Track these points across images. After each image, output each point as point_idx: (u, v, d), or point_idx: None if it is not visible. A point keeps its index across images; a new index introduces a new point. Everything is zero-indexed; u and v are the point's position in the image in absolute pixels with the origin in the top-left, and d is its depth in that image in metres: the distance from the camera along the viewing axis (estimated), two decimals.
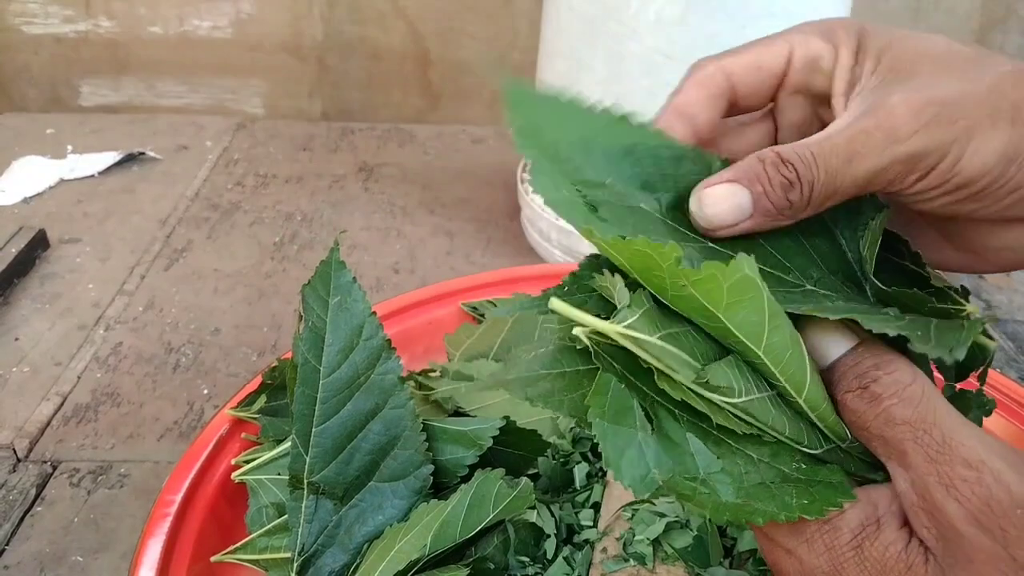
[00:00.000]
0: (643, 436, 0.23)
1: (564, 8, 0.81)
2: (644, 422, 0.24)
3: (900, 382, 0.24)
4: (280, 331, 0.81)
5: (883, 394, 0.23)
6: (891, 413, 0.23)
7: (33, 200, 1.04)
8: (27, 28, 1.32)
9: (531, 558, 0.44)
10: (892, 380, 0.24)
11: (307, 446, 0.45)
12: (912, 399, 0.23)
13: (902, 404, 0.23)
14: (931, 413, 0.23)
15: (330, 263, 0.47)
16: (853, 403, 0.24)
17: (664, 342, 0.23)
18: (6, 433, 0.67)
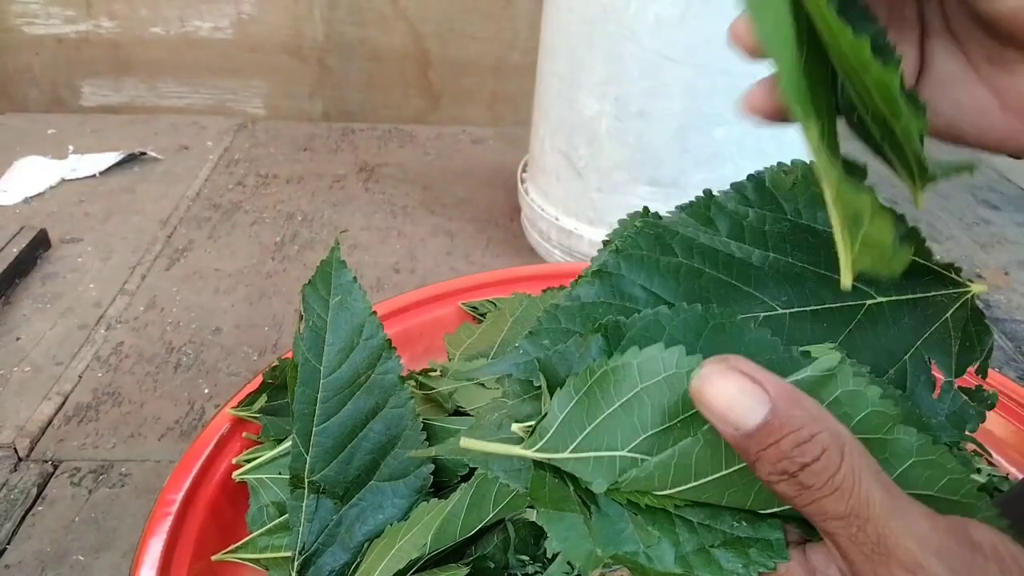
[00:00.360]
0: (584, 519, 0.24)
1: (564, 9, 0.81)
2: (583, 507, 0.24)
3: (828, 468, 0.21)
4: (281, 331, 0.81)
5: (813, 485, 0.21)
6: (823, 506, 0.21)
7: (34, 200, 1.05)
8: (28, 29, 1.33)
9: (531, 557, 0.44)
10: (820, 468, 0.21)
11: (308, 445, 0.45)
12: (844, 490, 0.21)
13: (834, 496, 0.21)
14: (864, 505, 0.21)
15: (331, 263, 0.48)
16: (780, 488, 0.22)
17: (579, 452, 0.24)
18: (7, 432, 0.67)
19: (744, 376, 0.22)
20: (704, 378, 0.22)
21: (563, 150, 0.87)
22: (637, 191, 0.83)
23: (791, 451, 0.21)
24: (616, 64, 0.78)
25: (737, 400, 0.21)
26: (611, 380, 0.24)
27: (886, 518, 0.21)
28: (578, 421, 0.24)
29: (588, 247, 0.88)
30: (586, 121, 0.83)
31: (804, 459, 0.21)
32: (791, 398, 0.22)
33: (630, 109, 0.79)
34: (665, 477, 0.23)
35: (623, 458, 0.24)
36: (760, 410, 0.21)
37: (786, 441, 0.21)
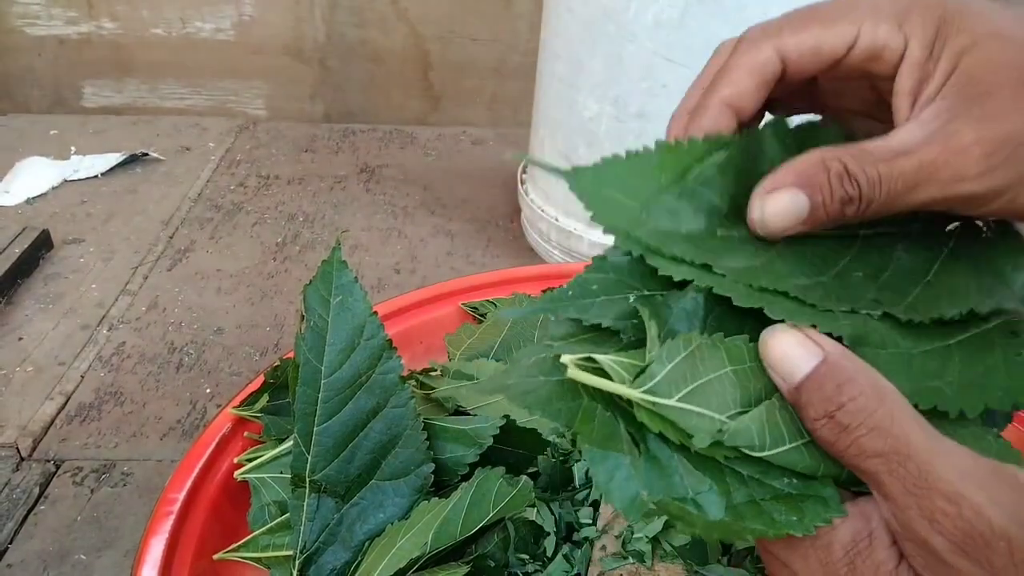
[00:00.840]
0: (632, 460, 0.24)
1: (564, 11, 0.81)
2: (631, 446, 0.24)
3: (866, 409, 0.22)
4: (282, 331, 0.82)
5: (850, 424, 0.22)
6: (862, 445, 0.22)
7: (37, 201, 1.05)
8: (30, 30, 1.33)
9: (531, 556, 0.45)
10: (857, 407, 0.22)
11: (309, 445, 0.45)
12: (882, 428, 0.22)
13: (872, 435, 0.22)
14: (904, 443, 0.22)
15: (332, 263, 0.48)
16: (822, 433, 0.23)
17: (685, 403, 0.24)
18: (10, 432, 0.68)
19: (805, 336, 0.24)
20: (767, 334, 0.24)
21: (563, 151, 0.87)
22: None
23: (831, 392, 0.23)
24: (616, 65, 0.78)
25: (793, 350, 0.24)
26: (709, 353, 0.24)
27: (927, 454, 0.22)
28: (682, 376, 0.24)
29: (588, 247, 0.89)
30: (585, 122, 0.83)
31: (843, 398, 0.22)
32: (843, 354, 0.24)
33: (629, 110, 0.79)
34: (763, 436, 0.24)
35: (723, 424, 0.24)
36: (811, 361, 0.23)
37: (829, 384, 0.23)
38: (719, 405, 0.24)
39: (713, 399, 0.24)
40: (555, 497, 0.48)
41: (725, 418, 0.24)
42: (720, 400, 0.24)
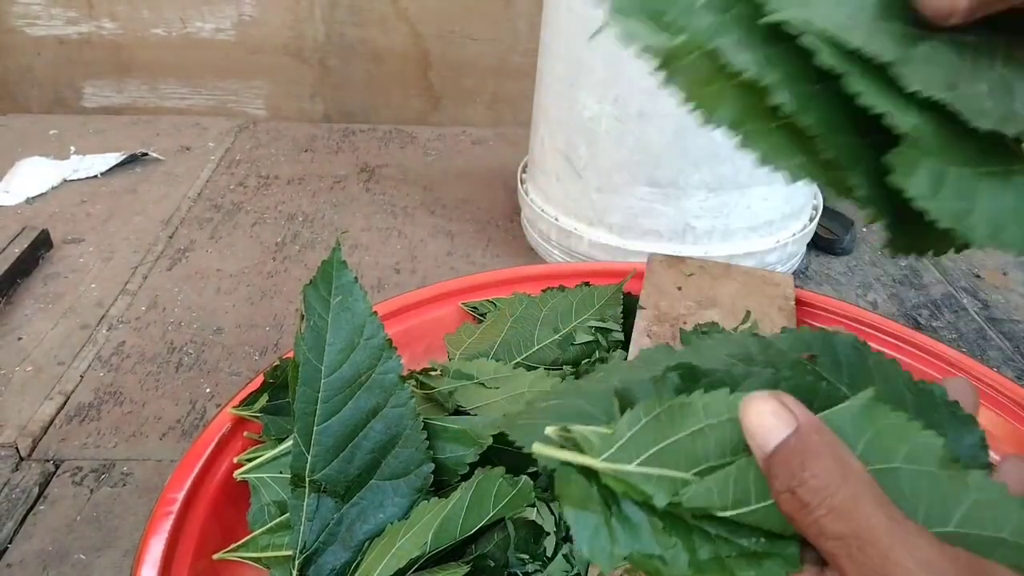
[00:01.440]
0: (604, 519, 0.26)
1: (564, 10, 0.81)
2: (604, 507, 0.26)
3: (828, 488, 0.22)
4: (282, 330, 0.82)
5: (811, 502, 0.22)
6: (821, 525, 0.22)
7: (36, 200, 1.05)
8: (30, 30, 1.33)
9: (531, 556, 0.45)
10: (819, 485, 0.22)
11: (309, 444, 0.45)
12: (843, 511, 0.22)
13: (832, 516, 0.22)
14: (864, 528, 0.22)
15: (332, 263, 0.48)
16: (784, 507, 0.23)
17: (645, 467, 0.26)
18: (9, 432, 0.68)
19: (782, 404, 0.24)
20: (747, 399, 0.25)
21: (563, 151, 0.87)
22: (636, 191, 0.83)
23: (798, 468, 0.23)
24: (616, 65, 0.78)
25: (768, 420, 0.24)
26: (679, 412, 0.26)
27: (888, 539, 0.22)
28: (644, 441, 0.26)
29: (588, 247, 0.89)
30: (586, 122, 0.83)
31: (804, 474, 0.22)
32: (815, 427, 0.24)
33: (629, 110, 0.79)
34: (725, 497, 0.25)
35: (684, 480, 0.25)
36: (784, 431, 0.23)
37: (796, 460, 0.23)
38: (688, 461, 0.25)
39: (682, 457, 0.25)
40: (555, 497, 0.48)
41: (691, 475, 0.25)
42: (690, 456, 0.25)
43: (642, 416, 0.26)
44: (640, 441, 0.26)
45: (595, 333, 0.61)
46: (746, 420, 0.24)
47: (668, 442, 0.26)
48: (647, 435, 0.26)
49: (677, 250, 0.84)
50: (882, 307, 0.91)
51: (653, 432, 0.26)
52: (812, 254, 1.00)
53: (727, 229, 0.85)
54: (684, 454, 0.25)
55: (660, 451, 0.26)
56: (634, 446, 0.26)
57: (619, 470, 0.26)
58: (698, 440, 0.25)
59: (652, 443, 0.26)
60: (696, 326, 0.60)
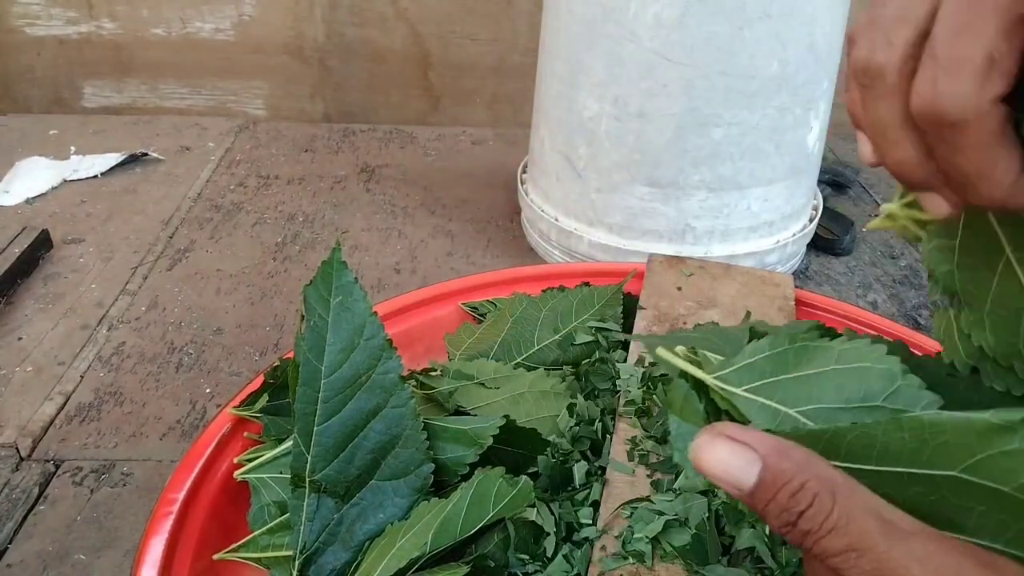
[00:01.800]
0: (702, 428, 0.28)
1: (564, 10, 0.81)
2: (705, 421, 0.28)
3: (823, 511, 0.23)
4: (282, 331, 0.82)
5: (811, 529, 0.23)
6: (823, 546, 0.23)
7: (36, 201, 1.05)
8: (30, 30, 1.33)
9: (531, 556, 0.45)
10: (814, 512, 0.23)
11: (309, 445, 0.45)
12: (839, 528, 0.23)
13: (831, 536, 0.23)
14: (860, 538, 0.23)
15: (332, 263, 0.48)
16: (790, 538, 0.24)
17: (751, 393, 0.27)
18: (9, 432, 0.68)
19: (730, 440, 0.24)
20: (698, 450, 0.25)
21: (563, 151, 0.87)
22: (636, 191, 0.83)
23: (787, 502, 0.23)
24: (615, 65, 0.78)
25: (730, 463, 0.24)
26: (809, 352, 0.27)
27: (885, 546, 0.22)
28: (760, 370, 0.27)
29: (588, 247, 0.89)
30: (585, 122, 0.83)
31: (800, 507, 0.23)
32: (779, 451, 0.24)
33: (629, 110, 0.79)
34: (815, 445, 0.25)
35: (787, 415, 0.26)
36: (752, 469, 0.24)
37: (782, 494, 0.23)
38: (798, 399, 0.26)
39: (792, 393, 0.27)
40: (555, 497, 0.48)
41: (795, 412, 0.26)
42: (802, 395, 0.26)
43: (767, 349, 0.27)
44: (756, 370, 0.27)
45: (595, 333, 0.61)
46: (706, 469, 0.24)
47: (784, 377, 0.27)
48: (765, 366, 0.27)
49: (677, 250, 0.84)
50: (882, 307, 0.91)
51: (772, 365, 0.27)
52: (812, 254, 1.00)
53: (727, 229, 0.85)
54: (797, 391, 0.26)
55: (773, 383, 0.27)
56: (749, 373, 0.27)
57: (727, 390, 0.27)
58: (817, 381, 0.26)
59: (768, 374, 0.27)
60: (696, 326, 0.60)
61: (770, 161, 0.81)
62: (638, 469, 0.48)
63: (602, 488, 0.47)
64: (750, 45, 0.74)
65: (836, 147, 1.30)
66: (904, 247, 1.03)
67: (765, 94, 0.77)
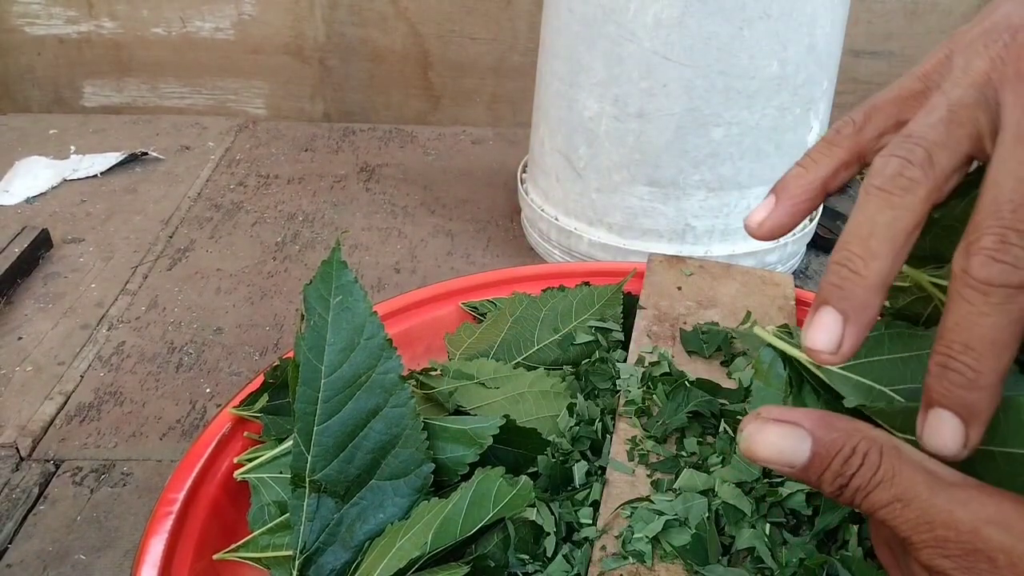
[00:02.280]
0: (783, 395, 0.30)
1: (564, 10, 0.81)
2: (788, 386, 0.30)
3: (871, 468, 0.24)
4: (282, 330, 0.82)
5: (860, 486, 0.24)
6: (872, 501, 0.24)
7: (36, 200, 1.05)
8: (30, 29, 1.33)
9: (531, 556, 0.45)
10: (865, 470, 0.24)
11: (309, 444, 0.45)
12: (886, 481, 0.24)
13: (879, 489, 0.24)
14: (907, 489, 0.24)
15: (332, 263, 0.48)
16: (843, 501, 0.25)
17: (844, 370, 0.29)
18: (9, 432, 0.68)
19: (778, 423, 0.25)
20: (749, 439, 0.26)
21: (563, 150, 0.87)
22: (636, 191, 0.83)
23: (841, 467, 0.24)
24: (615, 65, 0.78)
25: (781, 446, 0.25)
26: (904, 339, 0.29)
27: (929, 495, 0.24)
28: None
29: (588, 247, 0.89)
30: (585, 121, 0.83)
31: (851, 470, 0.24)
32: (826, 423, 0.25)
33: (629, 110, 0.79)
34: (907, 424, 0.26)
35: (881, 392, 0.28)
36: (804, 446, 0.25)
37: (835, 461, 0.24)
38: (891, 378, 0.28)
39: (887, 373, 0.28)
40: (555, 497, 0.48)
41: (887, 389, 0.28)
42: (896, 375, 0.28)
43: None
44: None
45: (595, 333, 0.61)
46: (760, 455, 0.25)
47: (879, 358, 0.28)
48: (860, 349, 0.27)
49: (677, 250, 0.84)
50: None
51: (867, 348, 0.28)
52: (812, 254, 1.00)
53: (727, 229, 0.85)
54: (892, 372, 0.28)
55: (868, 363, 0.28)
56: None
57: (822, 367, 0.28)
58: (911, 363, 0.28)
59: (862, 356, 0.28)
60: (696, 326, 0.60)
61: (770, 161, 0.81)
62: (638, 469, 0.48)
63: (602, 488, 0.47)
64: (750, 45, 0.74)
65: None
66: None
67: (765, 94, 0.77)
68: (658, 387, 0.52)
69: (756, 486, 0.45)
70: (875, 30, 1.35)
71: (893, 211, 0.24)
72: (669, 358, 0.56)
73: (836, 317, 0.24)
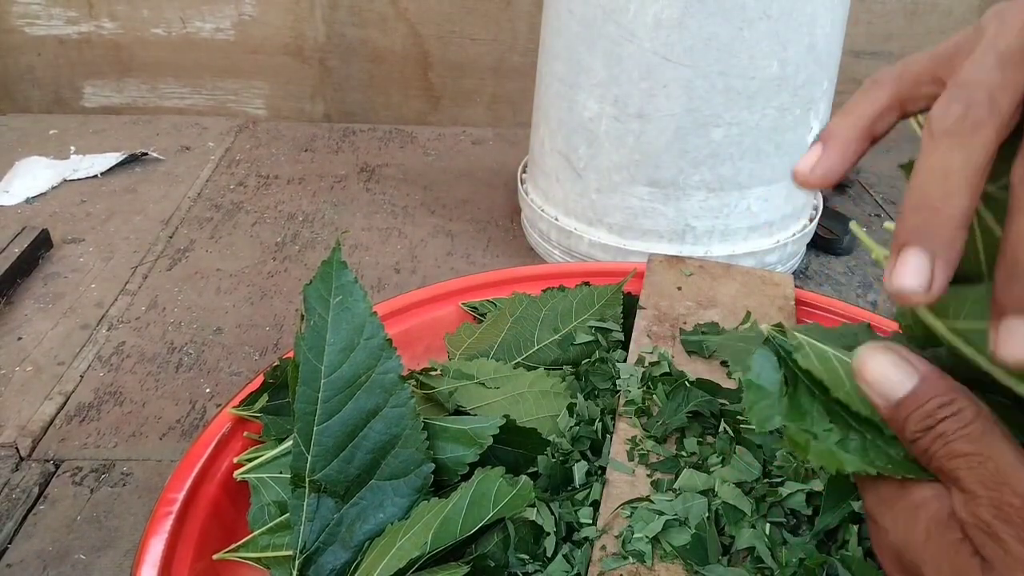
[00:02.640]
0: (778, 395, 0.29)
1: (563, 11, 0.81)
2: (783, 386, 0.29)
3: (962, 420, 0.25)
4: (282, 330, 0.82)
5: (947, 432, 0.25)
6: (952, 448, 0.25)
7: (36, 200, 1.05)
8: (30, 29, 1.33)
9: (531, 556, 0.45)
10: (955, 420, 0.25)
11: (309, 444, 0.45)
12: (972, 435, 0.25)
13: (963, 440, 0.25)
14: (987, 447, 0.24)
15: (332, 263, 0.48)
16: (920, 443, 0.25)
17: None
18: (9, 432, 0.68)
19: (898, 355, 0.26)
20: (863, 354, 0.26)
21: (563, 151, 0.87)
22: (636, 192, 0.83)
23: (935, 410, 0.25)
24: (615, 65, 0.78)
25: (891, 372, 0.26)
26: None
27: (1007, 459, 0.24)
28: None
29: (588, 247, 0.89)
30: (585, 122, 0.83)
31: (944, 414, 0.25)
32: (938, 373, 0.26)
33: (629, 110, 0.79)
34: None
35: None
36: (909, 382, 0.25)
37: (931, 403, 0.25)
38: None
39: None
40: (555, 497, 0.48)
41: None
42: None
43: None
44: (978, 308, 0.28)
45: (595, 333, 0.61)
46: (866, 372, 0.26)
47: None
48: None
49: (677, 250, 0.84)
50: (882, 307, 0.91)
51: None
52: (812, 254, 1.00)
53: (727, 229, 0.85)
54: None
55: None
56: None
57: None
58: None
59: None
60: (696, 326, 0.60)
61: (770, 161, 0.81)
62: (638, 469, 0.48)
63: (602, 488, 0.47)
64: (750, 45, 0.74)
65: None
66: None
67: (765, 94, 0.77)
68: (658, 387, 0.52)
69: (756, 486, 0.45)
70: (875, 30, 1.35)
71: (964, 151, 0.24)
72: (669, 358, 0.56)
73: (924, 256, 0.24)
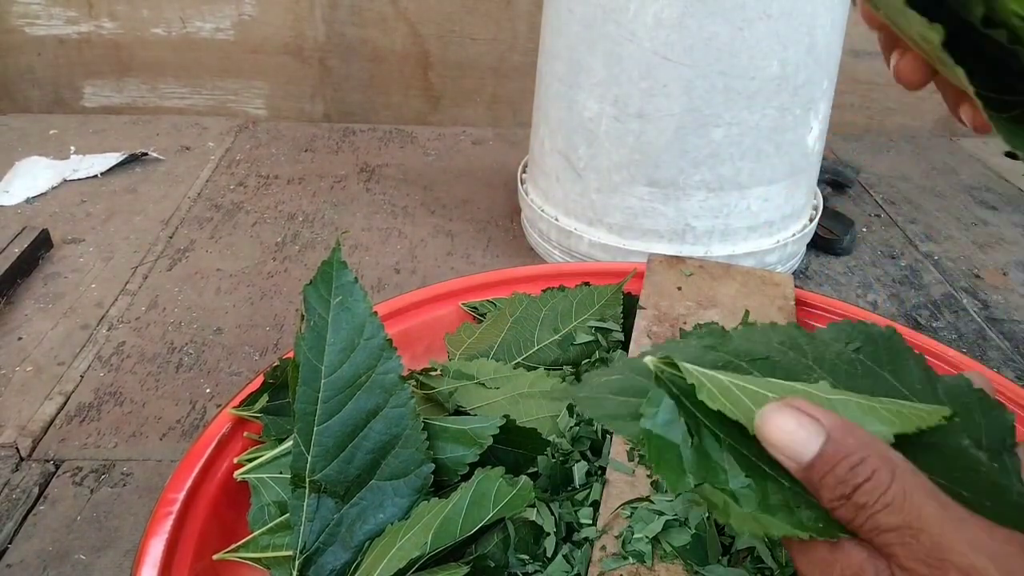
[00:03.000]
0: (683, 446, 0.26)
1: (564, 10, 0.81)
2: (687, 435, 0.26)
3: (880, 486, 0.23)
4: (282, 330, 0.82)
5: (866, 503, 0.23)
6: (877, 521, 0.23)
7: (36, 200, 1.05)
8: (30, 29, 1.33)
9: (531, 556, 0.45)
10: (872, 487, 0.23)
11: (309, 445, 0.45)
12: (896, 505, 0.23)
13: (887, 512, 0.23)
14: (917, 517, 0.23)
15: (332, 263, 0.48)
16: (842, 514, 0.24)
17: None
18: (9, 432, 0.68)
19: (799, 411, 0.24)
20: (765, 416, 0.25)
21: (563, 151, 0.87)
22: (636, 191, 0.83)
23: (845, 474, 0.23)
24: (615, 65, 0.78)
25: (795, 433, 0.24)
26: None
27: (940, 527, 0.22)
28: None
29: (588, 247, 0.89)
30: (585, 122, 0.83)
31: (858, 480, 0.23)
32: (845, 427, 0.24)
33: (629, 110, 0.79)
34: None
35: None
36: (816, 441, 0.24)
37: (842, 466, 0.23)
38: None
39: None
40: (555, 497, 0.48)
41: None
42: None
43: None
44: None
45: (595, 333, 0.61)
46: (769, 436, 0.24)
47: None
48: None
49: (677, 250, 0.84)
50: (882, 307, 0.91)
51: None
52: (812, 254, 1.00)
53: (727, 229, 0.85)
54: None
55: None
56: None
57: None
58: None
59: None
60: (696, 326, 0.60)
61: (770, 161, 0.81)
62: (638, 469, 0.48)
63: (602, 488, 0.47)
64: (750, 45, 0.74)
65: (836, 147, 1.30)
66: (904, 247, 1.03)
67: (765, 94, 0.77)
68: None
69: None
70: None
71: None
72: None
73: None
